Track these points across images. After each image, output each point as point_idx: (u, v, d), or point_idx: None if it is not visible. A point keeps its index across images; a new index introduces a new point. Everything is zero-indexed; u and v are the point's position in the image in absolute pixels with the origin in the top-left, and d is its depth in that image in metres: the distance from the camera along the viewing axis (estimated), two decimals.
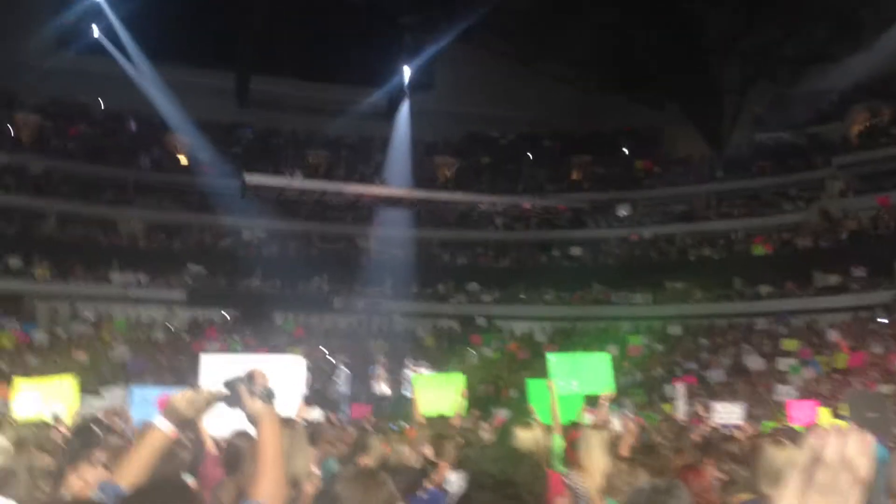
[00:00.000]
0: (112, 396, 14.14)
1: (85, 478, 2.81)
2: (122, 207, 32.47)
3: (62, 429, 6.04)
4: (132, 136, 34.86)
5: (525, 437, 4.99)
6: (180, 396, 2.31)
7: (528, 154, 37.56)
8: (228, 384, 2.30)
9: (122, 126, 35.18)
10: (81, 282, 29.48)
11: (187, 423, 2.35)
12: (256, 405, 2.25)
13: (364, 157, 36.88)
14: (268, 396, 2.27)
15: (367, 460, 5.92)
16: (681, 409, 15.43)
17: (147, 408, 7.99)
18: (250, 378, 2.29)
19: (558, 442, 6.06)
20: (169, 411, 2.29)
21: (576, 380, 7.75)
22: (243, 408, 2.27)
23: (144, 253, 31.21)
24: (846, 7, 29.63)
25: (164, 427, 2.27)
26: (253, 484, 2.17)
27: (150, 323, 29.25)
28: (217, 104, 33.96)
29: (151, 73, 31.66)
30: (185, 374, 21.36)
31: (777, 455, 3.90)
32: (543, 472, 1.80)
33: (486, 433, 8.59)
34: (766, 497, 3.86)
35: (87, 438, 5.55)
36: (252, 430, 2.32)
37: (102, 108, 35.17)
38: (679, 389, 16.76)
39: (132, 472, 2.20)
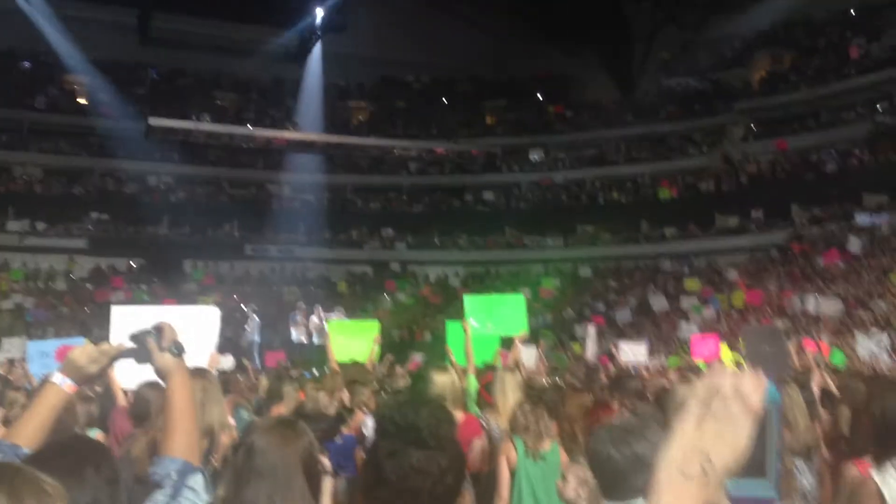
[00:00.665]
0: (11, 348, 13.60)
1: None
2: (17, 151, 30.94)
3: None
4: (26, 76, 33.07)
5: (441, 381, 5.03)
6: (80, 351, 2.22)
7: (443, 99, 37.37)
8: (135, 338, 2.24)
9: (16, 65, 33.28)
10: None
11: (88, 379, 2.27)
12: (165, 359, 2.20)
13: (275, 100, 36.00)
14: (177, 350, 2.22)
15: (282, 408, 5.91)
16: (590, 350, 15.89)
17: (45, 360, 7.74)
18: (158, 331, 2.23)
19: (473, 383, 6.16)
20: (68, 366, 2.20)
21: (491, 321, 7.86)
22: (152, 362, 2.22)
23: (42, 199, 29.90)
24: None
25: (62, 383, 2.19)
26: (165, 439, 2.12)
27: (50, 272, 28.16)
28: (118, 42, 32.38)
29: (46, 7, 29.90)
30: (90, 325, 20.79)
31: (685, 392, 4.08)
32: (448, 415, 1.83)
33: (401, 378, 8.67)
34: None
35: None
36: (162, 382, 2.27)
37: None
38: (589, 330, 17.21)
39: (28, 430, 2.12)
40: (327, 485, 2.31)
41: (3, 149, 30.69)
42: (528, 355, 9.51)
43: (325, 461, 2.46)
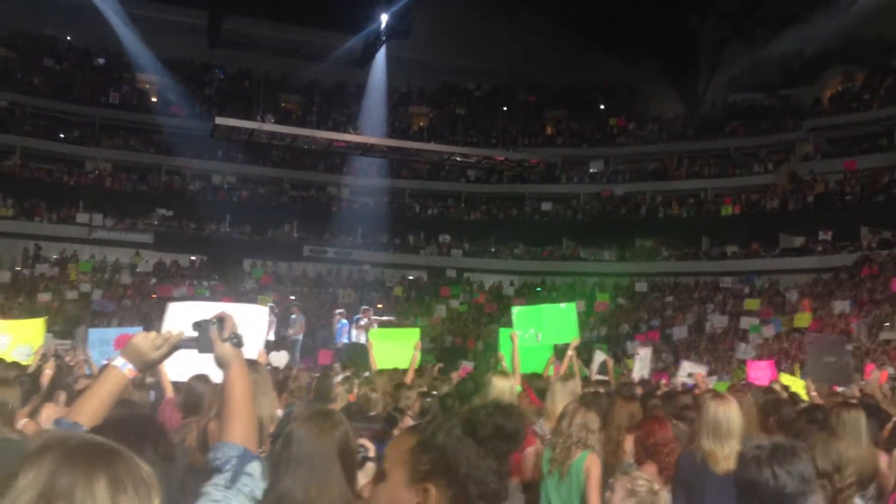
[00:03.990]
0: (79, 337, 14.08)
1: (43, 416, 2.77)
2: (89, 146, 31.88)
3: (47, 369, 5.94)
4: (100, 73, 34.10)
5: (502, 386, 5.11)
6: (143, 337, 2.27)
7: (503, 107, 37.35)
8: (198, 326, 2.27)
9: (90, 62, 34.34)
10: (46, 221, 29.06)
11: (149, 365, 2.32)
12: (226, 348, 2.23)
13: (338, 103, 36.41)
14: (237, 340, 2.26)
15: (333, 407, 5.95)
16: (638, 368, 15.57)
17: (104, 348, 8.01)
18: (220, 321, 2.27)
19: (517, 391, 6.15)
20: (131, 351, 2.25)
21: (539, 331, 7.83)
22: (214, 351, 2.25)
23: (111, 193, 30.75)
24: None
25: (124, 367, 2.24)
26: (225, 426, 2.16)
27: (116, 265, 28.94)
28: (188, 43, 33.19)
29: (120, 8, 30.78)
30: (151, 318, 21.26)
31: (718, 409, 4.00)
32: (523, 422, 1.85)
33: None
34: (702, 449, 3.96)
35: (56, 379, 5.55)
36: (211, 374, 2.30)
37: (70, 42, 34.24)
38: (640, 352, 16.92)
39: (88, 409, 2.18)
40: (369, 470, 2.32)
41: (75, 143, 31.63)
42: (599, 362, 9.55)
43: (370, 444, 2.47)
